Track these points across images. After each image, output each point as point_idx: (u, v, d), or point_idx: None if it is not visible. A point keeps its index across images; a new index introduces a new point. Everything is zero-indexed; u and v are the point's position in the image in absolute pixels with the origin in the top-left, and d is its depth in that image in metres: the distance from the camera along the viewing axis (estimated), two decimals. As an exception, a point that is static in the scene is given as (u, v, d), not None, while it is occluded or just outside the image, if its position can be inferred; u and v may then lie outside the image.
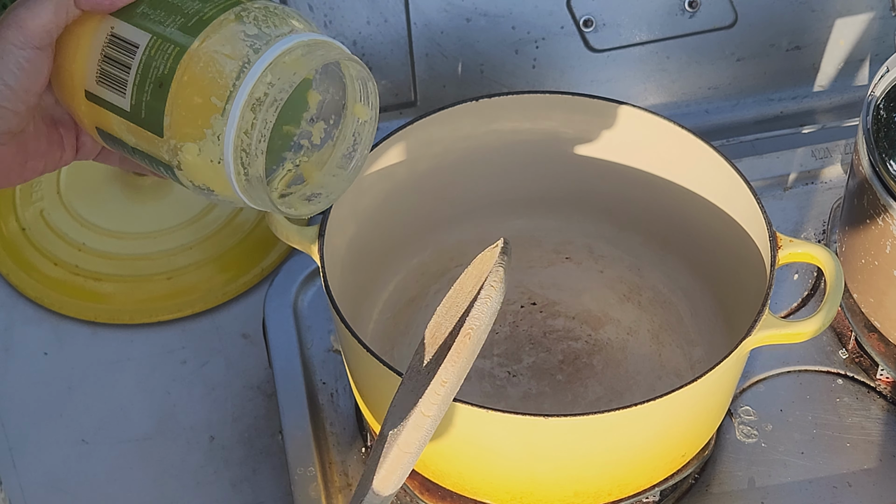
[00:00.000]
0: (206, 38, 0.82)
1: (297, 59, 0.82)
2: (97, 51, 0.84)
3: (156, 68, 0.82)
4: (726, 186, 1.04)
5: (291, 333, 1.15)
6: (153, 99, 0.82)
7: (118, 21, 0.84)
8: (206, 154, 0.82)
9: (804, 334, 0.95)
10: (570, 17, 1.21)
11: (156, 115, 0.83)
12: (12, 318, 1.21)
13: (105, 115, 0.85)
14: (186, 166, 0.83)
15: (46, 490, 1.11)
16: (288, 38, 0.82)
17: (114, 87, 0.84)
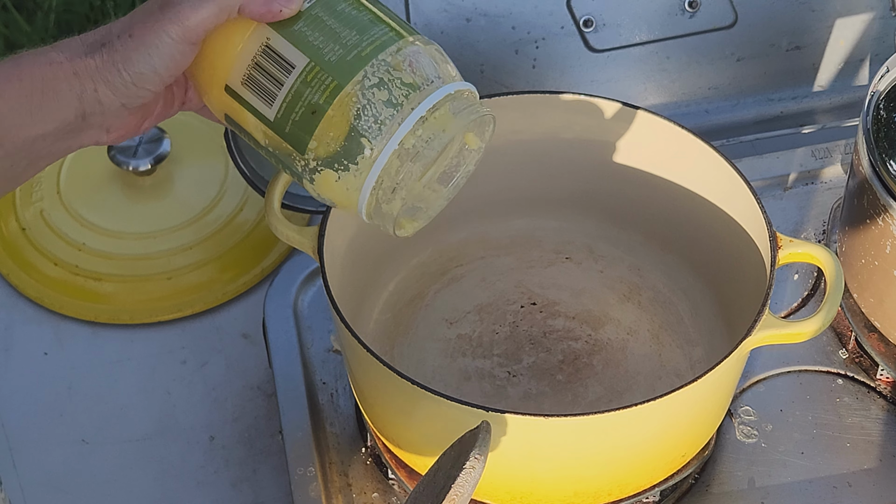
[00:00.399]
0: (364, 79, 0.85)
1: (448, 117, 0.86)
2: (248, 55, 0.87)
3: (310, 95, 0.86)
4: (726, 186, 1.04)
5: (291, 333, 1.15)
6: (302, 122, 0.86)
7: (274, 33, 0.87)
8: (343, 182, 0.86)
9: (804, 334, 0.95)
10: (570, 17, 1.21)
11: (302, 135, 0.86)
12: (12, 318, 1.21)
13: (241, 111, 0.88)
14: (319, 185, 0.87)
15: (46, 490, 1.11)
16: (439, 90, 0.87)
17: (260, 95, 0.87)
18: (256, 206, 1.27)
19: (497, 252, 1.16)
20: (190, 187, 1.29)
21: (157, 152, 1.27)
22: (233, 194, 1.28)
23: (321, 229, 1.00)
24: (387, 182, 0.86)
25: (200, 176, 1.30)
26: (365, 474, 1.08)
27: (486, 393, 1.08)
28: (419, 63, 0.87)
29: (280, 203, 1.01)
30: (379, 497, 1.07)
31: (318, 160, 0.86)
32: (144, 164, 1.27)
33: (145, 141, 1.27)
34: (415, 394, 0.93)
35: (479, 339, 1.11)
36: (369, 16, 0.88)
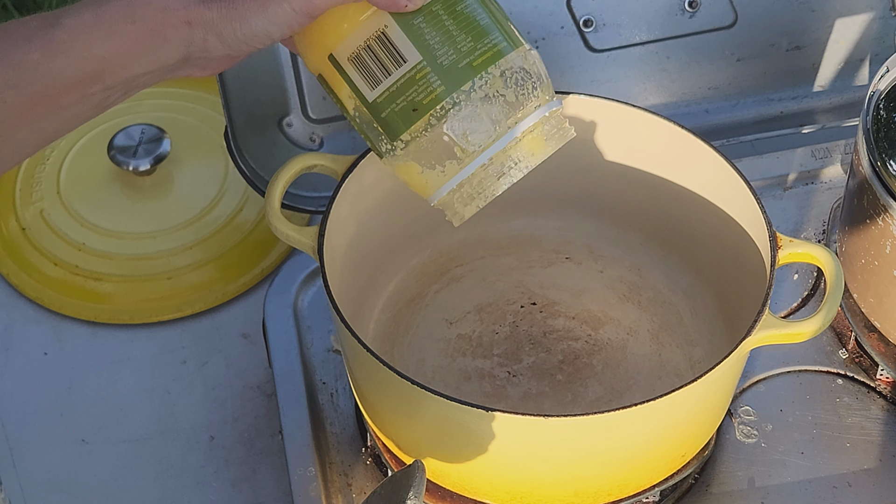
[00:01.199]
0: (471, 91, 0.87)
1: (539, 141, 0.89)
2: (362, 36, 0.88)
3: (415, 93, 0.88)
4: (726, 186, 1.04)
5: (291, 333, 1.15)
6: (401, 114, 0.88)
7: (393, 23, 0.88)
8: (425, 177, 0.90)
9: (804, 334, 0.95)
10: (570, 17, 1.20)
11: (397, 125, 0.89)
12: (12, 317, 1.21)
13: (339, 81, 0.90)
14: (399, 169, 0.90)
15: (46, 490, 1.11)
16: (536, 112, 0.89)
17: (364, 76, 0.89)
18: (256, 206, 1.27)
19: (497, 252, 1.16)
20: (190, 187, 1.29)
21: (157, 152, 1.27)
22: (233, 194, 1.28)
23: (321, 229, 1.00)
24: (466, 189, 0.89)
25: (200, 176, 1.30)
26: (365, 474, 1.08)
27: (486, 393, 1.08)
28: (523, 81, 0.89)
29: (280, 203, 1.01)
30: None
31: (406, 151, 0.89)
32: (144, 164, 1.27)
33: (145, 141, 1.27)
34: (415, 394, 0.93)
35: (479, 339, 1.11)
36: (486, 19, 0.89)
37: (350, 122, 0.93)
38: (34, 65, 0.83)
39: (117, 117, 1.33)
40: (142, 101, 1.35)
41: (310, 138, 1.20)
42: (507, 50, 0.89)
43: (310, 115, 1.19)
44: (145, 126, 1.29)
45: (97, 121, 1.33)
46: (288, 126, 1.19)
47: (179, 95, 1.36)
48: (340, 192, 1.03)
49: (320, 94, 1.18)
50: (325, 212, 1.01)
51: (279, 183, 1.01)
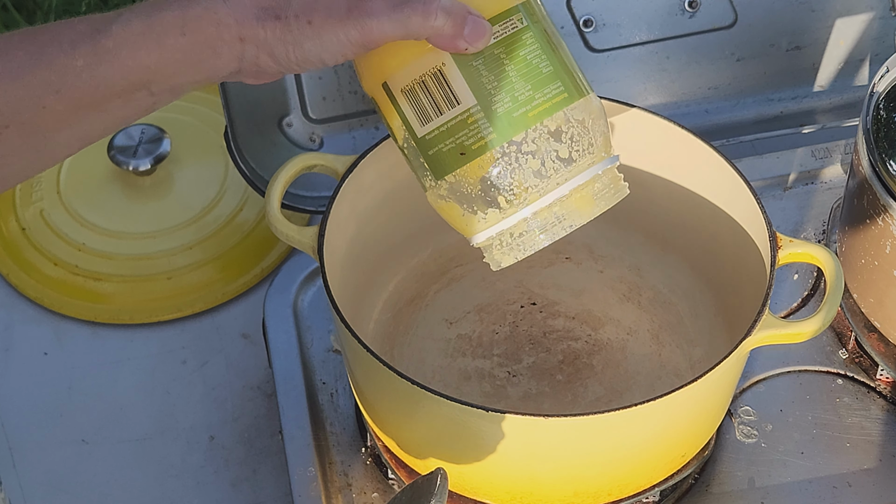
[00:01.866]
0: (522, 142, 0.85)
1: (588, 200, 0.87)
2: (418, 71, 0.86)
3: (465, 136, 0.85)
4: (726, 186, 1.04)
5: (291, 333, 1.15)
6: (448, 155, 0.86)
7: (451, 62, 0.85)
8: (466, 220, 0.88)
9: (804, 334, 0.95)
10: (570, 17, 1.20)
11: (443, 166, 0.87)
12: (12, 318, 1.21)
13: (391, 110, 0.88)
14: (440, 207, 0.89)
15: (46, 490, 1.11)
16: (588, 171, 0.87)
17: (416, 110, 0.87)
18: (256, 206, 1.27)
19: (497, 252, 1.16)
20: (190, 187, 1.29)
21: (157, 152, 1.27)
22: (233, 194, 1.28)
23: (321, 229, 1.00)
24: (506, 239, 0.88)
25: (200, 176, 1.30)
26: (365, 474, 1.08)
27: (486, 393, 1.08)
28: (579, 137, 0.86)
29: (280, 203, 1.01)
30: (379, 497, 1.07)
31: (449, 192, 0.87)
32: (144, 164, 1.27)
33: (145, 141, 1.27)
34: (415, 394, 0.93)
35: (479, 339, 1.11)
36: (549, 68, 0.86)
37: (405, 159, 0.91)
38: (78, 71, 0.81)
39: (117, 117, 1.33)
40: (142, 101, 1.35)
41: (310, 138, 1.20)
42: (566, 102, 0.86)
43: (310, 115, 1.19)
44: (145, 126, 1.29)
45: (97, 121, 1.33)
46: (288, 126, 1.19)
47: (179, 95, 1.36)
48: (340, 192, 1.03)
49: (320, 95, 1.18)
50: (325, 212, 1.01)
51: (279, 183, 1.01)
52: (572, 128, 0.86)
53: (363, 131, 1.20)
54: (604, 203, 0.88)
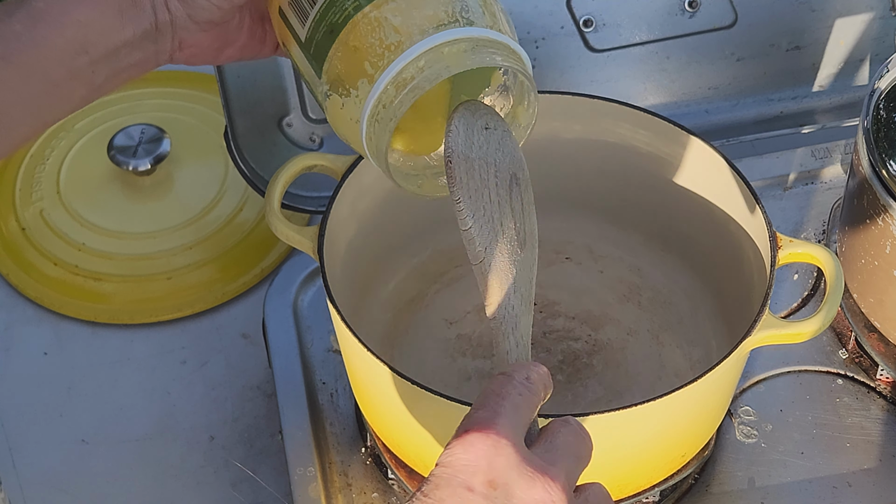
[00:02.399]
0: (384, 5, 0.83)
1: (456, 55, 0.82)
2: None
3: (333, 13, 0.84)
4: (726, 186, 1.04)
5: (291, 333, 1.15)
6: (323, 41, 0.85)
7: None
8: (347, 110, 0.84)
9: (804, 334, 0.95)
10: (570, 17, 1.20)
11: (320, 56, 0.85)
12: (12, 318, 1.21)
13: (288, 36, 0.88)
14: (330, 115, 0.86)
15: (46, 490, 1.11)
16: (458, 29, 0.82)
17: (298, 14, 0.87)
18: (256, 206, 1.27)
19: (497, 252, 1.16)
20: (190, 187, 1.29)
21: (157, 152, 1.27)
22: (233, 194, 1.28)
23: (321, 229, 1.00)
24: (381, 113, 0.83)
25: (200, 176, 1.30)
26: (365, 474, 1.08)
27: (486, 393, 1.08)
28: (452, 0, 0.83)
29: (280, 203, 1.01)
30: (379, 497, 1.07)
31: (329, 84, 0.85)
32: (144, 164, 1.27)
33: (145, 141, 1.27)
34: (415, 394, 0.93)
35: (479, 339, 1.11)
36: None
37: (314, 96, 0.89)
38: (18, 35, 0.84)
39: (117, 117, 1.33)
40: (142, 101, 1.35)
41: (310, 138, 1.20)
42: None
43: (310, 115, 1.19)
44: (145, 126, 1.29)
45: (97, 121, 1.33)
46: (288, 126, 1.18)
47: (179, 95, 1.36)
48: (340, 192, 1.03)
49: (320, 94, 1.18)
50: (325, 212, 1.01)
51: (279, 183, 1.01)
52: None
53: (363, 131, 1.20)
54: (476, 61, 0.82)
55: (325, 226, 1.00)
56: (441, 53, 0.82)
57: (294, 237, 1.00)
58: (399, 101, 0.82)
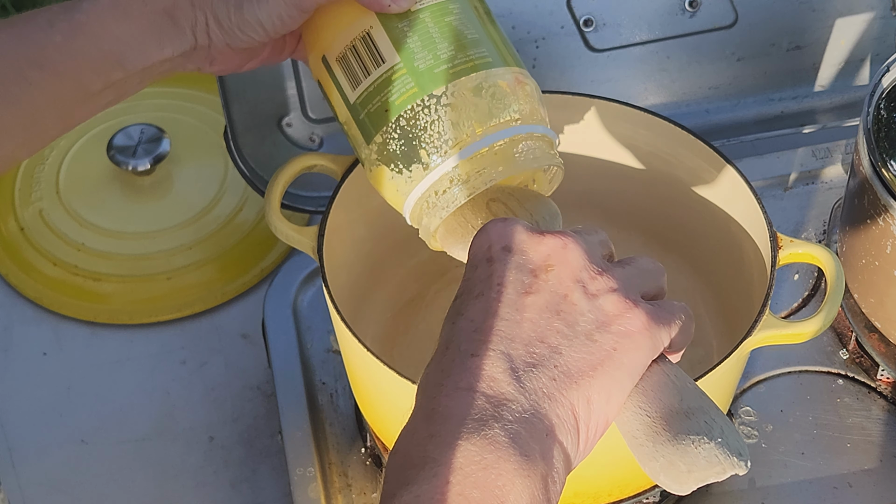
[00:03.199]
0: (443, 95, 0.87)
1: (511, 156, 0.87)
2: (349, 37, 0.89)
3: (390, 93, 0.87)
4: (727, 186, 1.04)
5: (291, 333, 1.15)
6: (375, 115, 0.88)
7: (378, 24, 0.89)
8: (395, 183, 0.88)
9: (805, 335, 0.95)
10: (570, 16, 1.20)
11: (371, 127, 0.89)
12: (11, 318, 1.21)
13: (330, 84, 0.91)
14: (374, 177, 0.90)
15: (46, 490, 1.11)
16: (511, 129, 0.87)
17: (348, 76, 0.90)
18: (256, 206, 1.27)
19: (497, 252, 1.16)
20: (189, 187, 1.29)
21: (157, 152, 1.27)
22: (232, 194, 1.28)
23: (321, 229, 1.00)
24: (432, 199, 0.88)
25: (200, 176, 1.30)
26: (365, 475, 1.08)
27: (486, 393, 1.07)
28: (503, 97, 0.87)
29: (280, 203, 1.01)
30: (379, 497, 1.06)
31: (378, 154, 0.88)
32: (144, 163, 1.27)
33: (145, 141, 1.27)
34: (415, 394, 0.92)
35: (479, 339, 1.11)
36: (475, 35, 0.88)
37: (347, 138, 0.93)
38: (57, 46, 0.86)
39: (117, 117, 1.33)
40: (141, 101, 1.35)
41: (309, 138, 1.19)
42: (489, 66, 0.88)
43: (309, 115, 1.18)
44: (145, 126, 1.28)
45: (96, 120, 1.33)
46: (288, 126, 1.18)
47: (179, 95, 1.36)
48: (340, 192, 1.02)
49: (320, 95, 1.18)
50: (324, 212, 1.01)
51: (279, 183, 1.01)
52: (494, 87, 0.88)
53: (363, 131, 1.20)
54: (525, 163, 0.88)
55: (325, 226, 1.00)
56: (495, 155, 0.87)
57: (294, 237, 1.00)
58: (454, 197, 0.87)
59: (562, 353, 0.73)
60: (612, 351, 0.74)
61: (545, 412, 0.71)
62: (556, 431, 0.72)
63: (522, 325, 0.73)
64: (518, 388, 0.71)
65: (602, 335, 0.74)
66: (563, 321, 0.74)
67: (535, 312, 0.74)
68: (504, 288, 0.75)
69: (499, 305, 0.74)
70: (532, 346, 0.73)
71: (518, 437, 0.70)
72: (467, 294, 0.76)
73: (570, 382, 0.72)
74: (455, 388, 0.72)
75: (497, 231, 0.77)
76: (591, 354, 0.73)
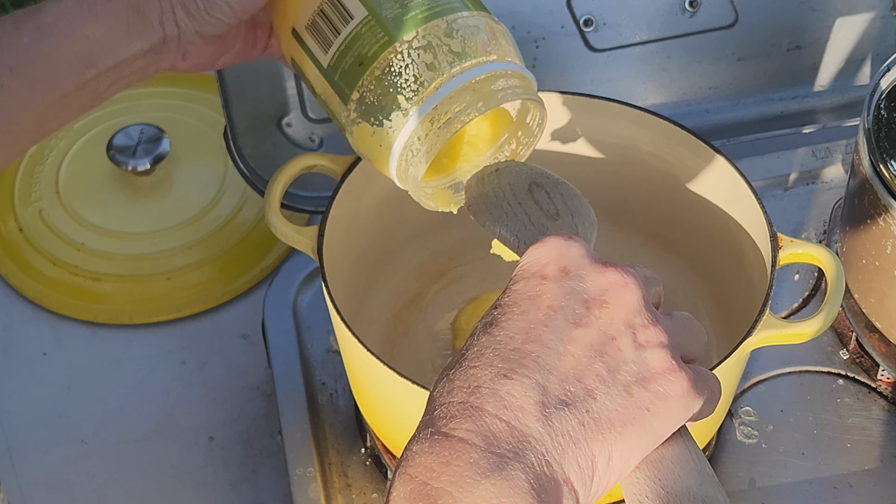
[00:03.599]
0: (414, 39, 0.86)
1: (487, 92, 0.86)
2: (316, 2, 0.89)
3: (361, 46, 0.87)
4: (727, 186, 1.04)
5: (291, 334, 1.15)
6: (350, 72, 0.88)
7: None
8: (377, 138, 0.87)
9: (805, 335, 0.95)
10: (570, 16, 1.20)
11: (347, 85, 0.88)
12: (11, 318, 1.21)
13: (303, 56, 0.90)
14: (356, 139, 0.89)
15: (45, 490, 1.11)
16: (487, 65, 0.86)
17: (320, 40, 0.89)
18: (256, 206, 1.27)
19: (497, 252, 1.16)
20: (189, 187, 1.29)
21: (157, 152, 1.27)
22: (232, 194, 1.28)
23: (321, 229, 1.00)
24: (416, 145, 0.86)
25: (200, 176, 1.30)
26: (365, 475, 1.08)
27: (486, 393, 1.07)
28: (475, 35, 0.87)
29: (280, 203, 1.01)
30: (379, 497, 1.06)
31: (357, 112, 0.88)
32: (143, 163, 1.27)
33: (144, 141, 1.27)
34: (415, 394, 0.92)
35: (479, 339, 1.11)
36: None
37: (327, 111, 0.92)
38: (26, 48, 0.85)
39: (116, 117, 1.33)
40: (141, 101, 1.35)
41: (309, 138, 1.19)
42: (458, 10, 0.87)
43: (309, 115, 1.18)
44: (144, 126, 1.28)
45: (96, 120, 1.33)
46: (287, 126, 1.18)
47: (178, 95, 1.36)
48: (340, 192, 1.02)
49: (320, 94, 1.18)
50: (324, 212, 1.01)
51: (279, 183, 1.01)
52: (465, 28, 0.87)
53: (363, 131, 1.20)
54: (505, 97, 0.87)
55: (325, 226, 1.00)
56: (473, 91, 0.86)
57: (294, 237, 1.00)
58: (437, 137, 0.86)
59: (596, 399, 0.69)
60: (646, 411, 0.70)
61: (567, 459, 0.68)
62: (574, 481, 0.69)
63: (563, 359, 0.70)
64: (545, 426, 0.68)
65: (640, 391, 0.70)
66: (605, 365, 0.70)
67: (580, 348, 0.70)
68: (553, 313, 0.71)
69: (544, 330, 0.71)
70: (568, 384, 0.69)
71: (538, 483, 0.67)
72: (511, 307, 0.72)
73: (597, 432, 0.69)
74: (480, 411, 0.69)
75: (558, 248, 0.73)
76: (625, 409, 0.70)
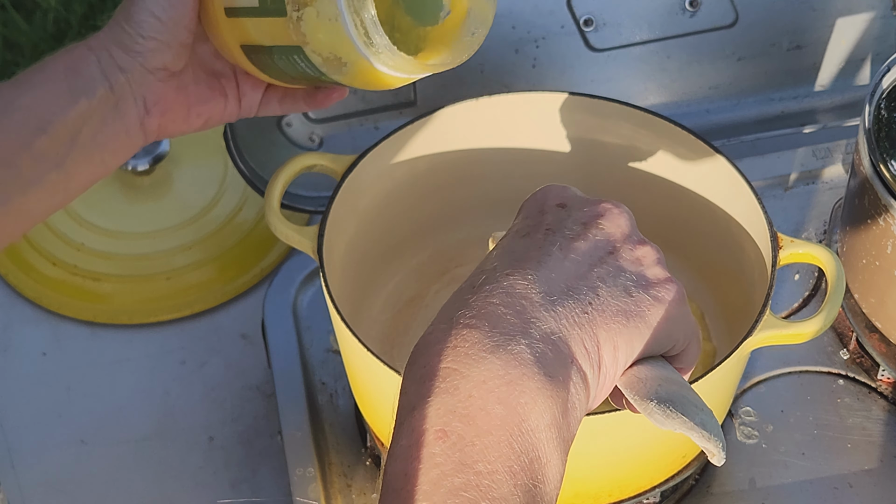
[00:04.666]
0: None
1: None
2: None
3: None
4: (727, 186, 1.04)
5: (291, 334, 1.15)
6: None
7: None
8: (324, 14, 0.84)
9: (805, 335, 0.95)
10: (570, 16, 1.20)
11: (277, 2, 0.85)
12: (11, 318, 1.21)
13: (243, 25, 0.88)
14: (311, 36, 0.85)
15: (45, 490, 1.11)
16: None
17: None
18: (256, 205, 1.27)
19: (497, 252, 1.16)
20: (189, 187, 1.29)
21: (156, 152, 1.27)
22: (232, 194, 1.28)
23: (321, 229, 1.00)
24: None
25: (199, 175, 1.30)
26: (365, 475, 1.08)
27: (486, 393, 1.07)
28: None
29: (280, 202, 1.01)
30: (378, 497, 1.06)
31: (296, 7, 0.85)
32: (143, 163, 1.26)
33: (144, 140, 1.27)
34: (415, 394, 0.92)
35: (479, 339, 1.11)
36: None
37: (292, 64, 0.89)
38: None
39: (116, 117, 1.33)
40: (141, 101, 1.35)
41: (309, 138, 1.19)
42: None
43: (309, 115, 1.18)
44: (144, 126, 1.28)
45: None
46: (287, 126, 1.18)
47: (178, 95, 1.36)
48: (340, 192, 1.02)
49: (320, 94, 1.18)
50: (324, 212, 1.01)
51: (279, 183, 1.01)
52: None
53: (362, 131, 1.20)
54: None
55: (325, 226, 1.00)
56: None
57: (294, 237, 1.00)
58: None
59: (599, 295, 0.72)
60: (646, 310, 0.73)
61: (573, 339, 0.70)
62: (581, 361, 0.70)
63: (565, 263, 0.72)
64: (550, 311, 0.70)
65: (639, 294, 0.73)
66: (605, 270, 0.73)
67: (580, 256, 0.73)
68: (553, 232, 0.74)
69: (545, 242, 0.74)
70: (571, 282, 0.72)
71: (544, 357, 0.68)
72: (513, 234, 0.76)
73: (601, 321, 0.71)
74: (485, 302, 0.70)
75: (554, 191, 0.79)
76: (627, 305, 0.72)
